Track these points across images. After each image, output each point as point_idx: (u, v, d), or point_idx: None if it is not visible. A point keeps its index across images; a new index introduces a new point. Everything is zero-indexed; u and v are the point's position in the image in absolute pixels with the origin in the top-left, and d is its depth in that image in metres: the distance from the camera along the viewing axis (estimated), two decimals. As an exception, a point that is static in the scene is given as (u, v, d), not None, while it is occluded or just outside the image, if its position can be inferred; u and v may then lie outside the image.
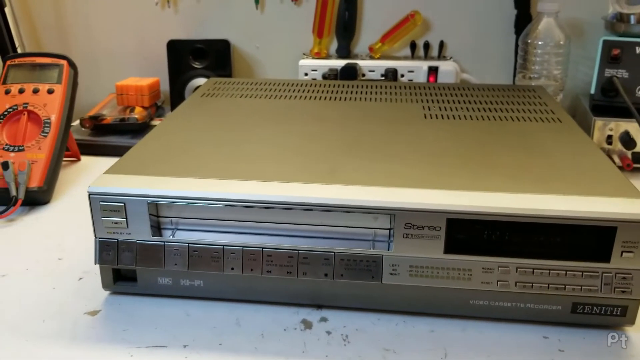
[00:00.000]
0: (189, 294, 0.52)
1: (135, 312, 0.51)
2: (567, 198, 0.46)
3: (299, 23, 1.03)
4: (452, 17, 1.00)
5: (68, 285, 0.55)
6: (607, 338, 0.48)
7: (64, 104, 0.77)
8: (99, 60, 1.10)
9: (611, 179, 0.50)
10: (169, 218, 0.50)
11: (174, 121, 0.65)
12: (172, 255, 0.49)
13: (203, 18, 1.05)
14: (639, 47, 0.81)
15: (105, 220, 0.49)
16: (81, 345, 0.46)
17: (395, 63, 0.98)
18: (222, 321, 0.49)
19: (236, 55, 1.07)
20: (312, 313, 0.51)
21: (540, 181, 0.49)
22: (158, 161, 0.54)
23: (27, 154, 0.73)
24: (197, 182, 0.49)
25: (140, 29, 1.07)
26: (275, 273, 0.49)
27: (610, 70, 0.82)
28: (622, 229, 0.45)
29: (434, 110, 0.70)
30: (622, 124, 0.80)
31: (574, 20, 0.96)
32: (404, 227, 0.46)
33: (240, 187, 0.48)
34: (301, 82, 0.83)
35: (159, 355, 0.45)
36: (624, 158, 0.80)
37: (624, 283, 0.46)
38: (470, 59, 1.02)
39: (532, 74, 0.90)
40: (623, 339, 0.47)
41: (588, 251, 0.46)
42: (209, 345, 0.47)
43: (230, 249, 0.49)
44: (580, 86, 0.97)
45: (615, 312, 0.48)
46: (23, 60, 0.80)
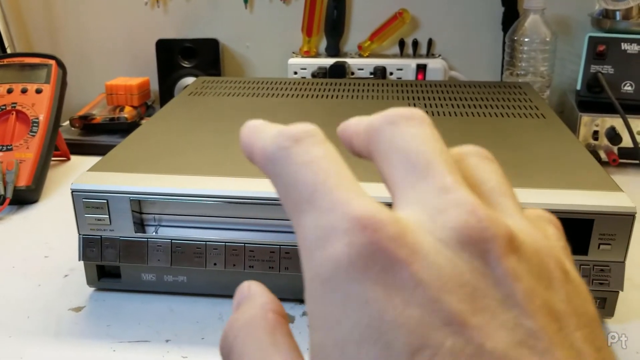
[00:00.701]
0: (173, 289, 0.52)
1: (119, 308, 0.51)
2: (546, 191, 0.47)
3: (288, 22, 1.03)
4: (440, 15, 1.01)
5: (53, 283, 0.55)
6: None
7: (52, 103, 0.78)
8: (90, 60, 1.10)
9: (591, 173, 0.51)
10: (151, 214, 0.50)
11: (159, 120, 0.66)
12: (155, 252, 0.50)
13: (192, 17, 1.06)
14: (625, 43, 0.81)
15: (88, 217, 0.50)
16: (64, 341, 0.47)
17: (384, 61, 0.98)
18: (205, 316, 0.50)
19: (225, 54, 1.07)
20: (295, 307, 0.51)
21: (520, 175, 0.50)
22: (142, 159, 0.54)
23: (15, 153, 0.74)
24: (179, 179, 0.49)
25: (130, 29, 1.08)
26: (257, 268, 0.49)
27: (596, 67, 0.82)
28: (599, 221, 0.45)
29: (420, 107, 0.70)
30: (608, 120, 0.81)
31: (560, 17, 0.96)
32: (384, 222, 0.47)
33: (222, 183, 0.49)
34: (290, 81, 0.83)
35: (142, 349, 0.46)
36: (610, 153, 0.81)
37: (601, 275, 0.47)
38: (458, 56, 1.02)
39: (519, 70, 0.90)
40: (623, 339, 0.47)
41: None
42: (192, 339, 0.47)
43: (212, 244, 0.49)
44: (568, 82, 0.98)
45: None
46: (11, 61, 0.81)
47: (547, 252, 0.17)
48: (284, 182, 0.18)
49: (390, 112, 0.19)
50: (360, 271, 0.15)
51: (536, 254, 0.17)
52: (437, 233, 0.16)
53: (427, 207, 0.16)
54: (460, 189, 0.17)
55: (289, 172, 0.17)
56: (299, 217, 0.17)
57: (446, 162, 0.17)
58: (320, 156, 0.18)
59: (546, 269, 0.17)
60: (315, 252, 0.16)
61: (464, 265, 0.15)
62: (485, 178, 0.19)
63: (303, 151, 0.18)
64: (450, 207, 0.16)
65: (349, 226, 0.15)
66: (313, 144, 0.18)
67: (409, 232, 0.16)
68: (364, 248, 0.15)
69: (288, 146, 0.18)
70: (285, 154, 0.18)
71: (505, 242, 0.16)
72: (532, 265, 0.16)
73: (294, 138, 0.18)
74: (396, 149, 0.18)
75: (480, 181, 0.19)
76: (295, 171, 0.17)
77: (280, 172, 0.18)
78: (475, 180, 0.19)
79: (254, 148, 0.19)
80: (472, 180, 0.18)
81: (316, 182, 0.17)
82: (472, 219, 0.16)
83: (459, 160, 0.19)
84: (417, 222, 0.16)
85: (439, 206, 0.16)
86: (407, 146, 0.18)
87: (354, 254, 0.15)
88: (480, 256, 0.16)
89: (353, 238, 0.15)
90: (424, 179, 0.17)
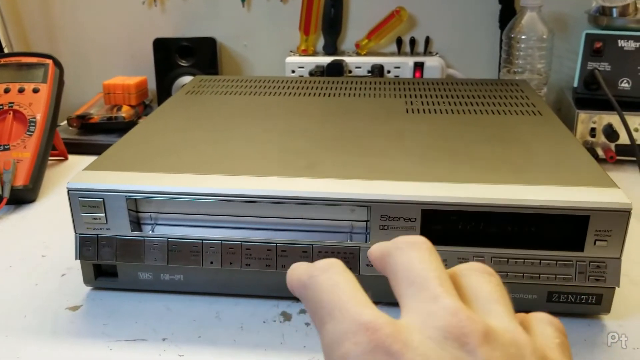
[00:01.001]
0: (170, 288, 0.52)
1: (115, 307, 0.51)
2: (541, 188, 0.47)
3: (286, 20, 1.03)
4: (437, 12, 1.01)
5: (50, 282, 0.55)
6: (585, 327, 0.48)
7: (49, 103, 0.78)
8: (87, 60, 1.10)
9: (586, 169, 0.51)
10: (148, 213, 0.50)
11: (156, 119, 0.66)
12: (151, 250, 0.50)
13: (190, 16, 1.06)
14: (621, 40, 0.81)
15: (84, 216, 0.50)
16: (61, 340, 0.47)
17: (381, 59, 0.98)
18: (202, 315, 0.50)
19: (223, 53, 1.07)
20: (292, 305, 0.51)
21: (516, 172, 0.50)
22: (138, 158, 0.54)
23: (12, 152, 0.74)
24: (175, 177, 0.49)
25: (127, 28, 1.07)
26: (254, 266, 0.49)
27: (593, 64, 0.82)
28: (594, 217, 0.45)
29: (417, 105, 0.70)
30: (605, 117, 0.81)
31: (557, 14, 0.96)
32: (380, 219, 0.47)
33: (218, 181, 0.49)
34: (287, 79, 0.83)
35: (138, 348, 0.46)
36: (607, 150, 0.81)
37: (597, 271, 0.47)
38: (456, 54, 1.02)
39: (516, 68, 0.90)
40: (623, 339, 0.47)
41: (562, 240, 0.46)
42: (188, 338, 0.47)
43: (209, 243, 0.49)
44: (565, 80, 0.98)
45: (591, 301, 0.48)
46: (9, 60, 0.81)
47: (524, 344, 0.21)
48: (313, 302, 0.23)
49: (398, 239, 0.25)
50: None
51: (512, 345, 0.21)
52: (426, 332, 0.21)
53: (421, 312, 0.22)
54: (448, 297, 0.22)
55: (316, 294, 0.23)
56: (323, 327, 0.22)
57: (439, 278, 0.23)
58: (339, 280, 0.23)
59: (521, 357, 0.20)
60: (333, 352, 0.21)
61: (448, 355, 0.20)
62: (478, 289, 0.24)
63: (327, 278, 0.24)
64: (438, 311, 0.21)
65: (356, 329, 0.21)
66: (335, 273, 0.24)
67: (402, 331, 0.21)
68: (367, 344, 0.20)
69: (317, 275, 0.24)
70: (314, 281, 0.24)
71: (481, 335, 0.20)
72: (507, 353, 0.20)
73: (321, 269, 0.24)
74: (401, 268, 0.24)
75: (473, 291, 0.23)
76: (321, 292, 0.23)
77: (312, 295, 0.24)
78: (468, 291, 0.23)
79: (293, 279, 0.25)
80: (466, 291, 0.23)
81: (334, 300, 0.23)
82: (454, 319, 0.21)
83: (458, 275, 0.25)
84: (411, 324, 0.21)
85: (429, 311, 0.21)
86: (408, 266, 0.24)
87: (360, 350, 0.20)
88: (461, 347, 0.20)
89: (359, 338, 0.21)
90: (420, 291, 0.22)
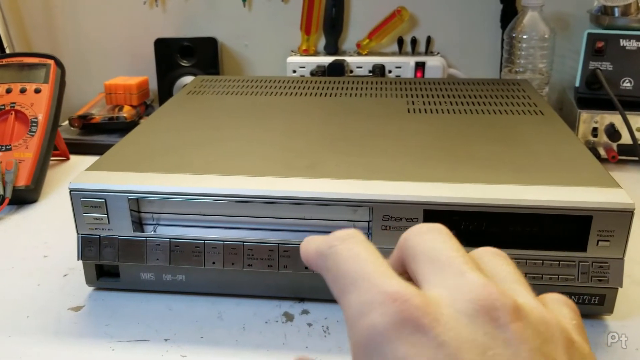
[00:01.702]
0: (172, 289, 0.52)
1: (118, 308, 0.51)
2: (544, 188, 0.47)
3: (287, 20, 1.03)
4: (439, 12, 1.01)
5: (53, 282, 0.55)
6: (587, 328, 0.47)
7: (51, 103, 0.78)
8: (89, 60, 1.10)
9: (589, 169, 0.51)
10: (150, 213, 0.50)
11: (158, 119, 0.66)
12: (153, 251, 0.50)
13: (191, 16, 1.05)
14: (623, 40, 0.81)
15: (86, 216, 0.50)
16: (64, 341, 0.47)
17: (382, 59, 0.98)
18: (204, 315, 0.50)
19: (224, 53, 1.07)
20: (295, 306, 0.51)
21: (518, 172, 0.50)
22: (140, 158, 0.54)
23: (14, 153, 0.74)
24: (177, 178, 0.49)
25: (128, 28, 1.07)
26: (256, 267, 0.49)
27: (595, 63, 0.82)
28: (597, 218, 0.45)
29: (418, 105, 0.70)
30: (607, 117, 0.81)
31: (559, 13, 0.96)
32: (382, 219, 0.47)
33: (220, 182, 0.49)
34: (288, 79, 0.83)
35: (141, 349, 0.46)
36: (609, 150, 0.81)
37: (600, 272, 0.47)
38: (457, 54, 1.02)
39: (517, 67, 0.90)
40: (623, 339, 0.47)
41: (564, 241, 0.46)
42: (190, 338, 0.47)
43: (211, 243, 0.49)
44: (567, 79, 0.97)
45: (593, 301, 0.48)
46: (10, 61, 0.81)
47: (553, 323, 0.20)
48: (333, 272, 0.23)
49: (416, 226, 0.24)
50: (393, 334, 0.19)
51: (542, 323, 0.20)
52: (455, 305, 0.20)
53: (448, 286, 0.21)
54: (475, 272, 0.21)
55: (337, 264, 0.23)
56: (345, 298, 0.22)
57: (463, 256, 0.22)
58: (360, 251, 0.22)
59: (551, 336, 0.20)
60: (358, 323, 0.20)
61: (478, 329, 0.19)
62: (498, 269, 0.23)
63: (347, 248, 0.23)
64: (466, 285, 0.20)
65: (383, 300, 0.20)
66: (355, 243, 0.23)
67: (432, 304, 0.20)
68: (395, 315, 0.19)
69: (336, 244, 0.23)
70: (334, 251, 0.23)
71: (512, 310, 0.20)
72: (538, 331, 0.20)
73: (340, 239, 0.23)
74: (420, 251, 0.23)
75: (494, 272, 0.23)
76: (342, 262, 0.22)
77: (331, 265, 0.23)
78: (489, 271, 0.23)
79: (309, 250, 0.24)
80: (486, 272, 0.23)
81: (357, 270, 0.22)
82: (484, 292, 0.20)
83: (476, 257, 0.24)
84: (439, 296, 0.20)
85: (457, 285, 0.21)
86: (429, 247, 0.23)
87: (388, 321, 0.19)
88: (492, 322, 0.19)
89: (386, 308, 0.20)
90: (445, 267, 0.22)
